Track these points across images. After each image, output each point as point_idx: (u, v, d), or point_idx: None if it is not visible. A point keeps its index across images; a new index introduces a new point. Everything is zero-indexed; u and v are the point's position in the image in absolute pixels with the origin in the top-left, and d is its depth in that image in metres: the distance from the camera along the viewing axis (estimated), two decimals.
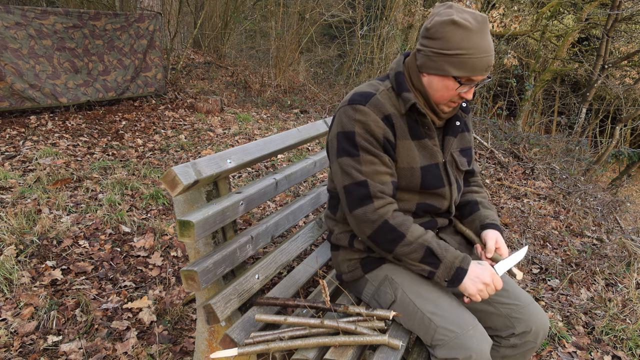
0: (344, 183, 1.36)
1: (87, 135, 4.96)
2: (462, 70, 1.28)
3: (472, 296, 1.30)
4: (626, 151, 6.98)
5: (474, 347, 1.24)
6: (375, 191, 1.32)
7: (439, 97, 1.37)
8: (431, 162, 1.42)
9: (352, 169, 1.34)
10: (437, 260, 1.31)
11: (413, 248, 1.31)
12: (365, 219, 1.33)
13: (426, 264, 1.32)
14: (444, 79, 1.32)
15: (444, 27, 1.26)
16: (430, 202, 1.46)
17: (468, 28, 1.25)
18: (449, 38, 1.26)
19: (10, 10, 4.97)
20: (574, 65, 10.14)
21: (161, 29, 6.65)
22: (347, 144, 1.34)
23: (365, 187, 1.32)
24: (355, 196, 1.34)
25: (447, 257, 1.30)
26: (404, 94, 1.37)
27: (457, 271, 1.29)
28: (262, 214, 3.44)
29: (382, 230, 1.32)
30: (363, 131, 1.33)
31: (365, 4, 9.48)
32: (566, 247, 3.53)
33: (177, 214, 1.43)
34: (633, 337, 2.42)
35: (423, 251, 1.31)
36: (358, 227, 1.36)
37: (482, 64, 1.28)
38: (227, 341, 1.32)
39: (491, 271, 1.32)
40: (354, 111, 1.34)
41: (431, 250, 1.31)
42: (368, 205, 1.32)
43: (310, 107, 7.44)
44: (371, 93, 1.38)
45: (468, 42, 1.25)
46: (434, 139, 1.44)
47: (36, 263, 2.49)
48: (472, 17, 1.27)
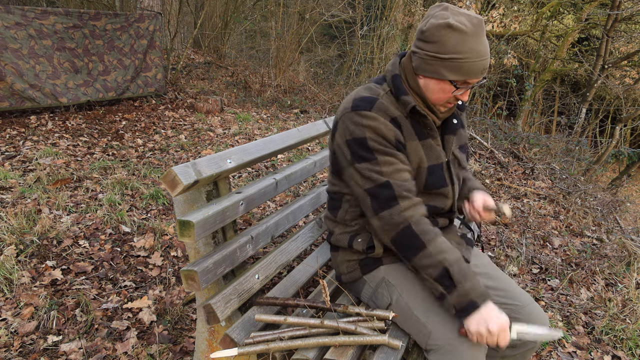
0: (365, 187, 1.33)
1: (87, 135, 4.96)
2: (458, 74, 1.27)
3: (470, 334, 1.23)
4: (626, 151, 6.98)
5: (468, 353, 1.24)
6: (400, 191, 1.30)
7: (435, 99, 1.37)
8: (436, 162, 1.42)
9: (372, 172, 1.31)
10: (452, 284, 1.24)
11: (431, 263, 1.26)
12: (390, 221, 1.30)
13: (440, 284, 1.26)
14: (440, 82, 1.31)
15: (440, 31, 1.25)
16: (434, 203, 1.46)
17: (464, 32, 1.23)
18: (444, 42, 1.24)
19: (10, 10, 4.97)
20: (574, 65, 10.14)
21: (161, 29, 6.65)
22: (361, 149, 1.32)
23: (389, 188, 1.30)
24: (380, 199, 1.30)
25: (465, 286, 1.23)
26: (402, 97, 1.37)
27: (469, 304, 1.22)
28: (262, 214, 3.44)
29: (403, 235, 1.29)
30: (374, 135, 1.31)
31: (365, 4, 9.47)
32: (566, 247, 3.53)
33: (177, 214, 1.43)
34: (633, 337, 2.42)
35: (440, 270, 1.25)
36: (382, 229, 1.32)
37: (478, 67, 1.27)
38: (227, 341, 1.32)
39: (504, 324, 1.20)
40: (361, 117, 1.32)
41: (448, 273, 1.24)
42: (394, 207, 1.29)
43: (310, 107, 7.44)
44: (374, 98, 1.36)
45: (464, 46, 1.24)
46: (437, 139, 1.44)
47: (36, 263, 2.50)
48: (468, 20, 1.25)
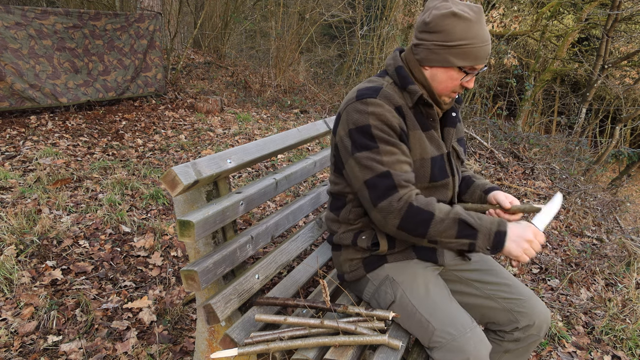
0: (365, 177, 1.30)
1: (87, 135, 4.96)
2: (466, 60, 1.31)
3: (519, 257, 1.24)
4: (626, 151, 6.98)
5: (471, 350, 1.24)
6: (400, 180, 1.28)
7: (442, 89, 1.38)
8: (439, 153, 1.43)
9: (372, 162, 1.29)
10: (473, 230, 1.24)
11: (447, 225, 1.25)
12: (391, 209, 1.27)
13: (464, 237, 1.25)
14: (448, 70, 1.34)
15: (445, 20, 1.28)
16: (436, 195, 1.46)
17: (468, 19, 1.28)
18: (450, 30, 1.28)
19: (10, 10, 4.97)
20: (574, 65, 10.14)
21: (161, 29, 6.65)
22: (363, 137, 1.31)
23: (389, 177, 1.28)
24: (379, 189, 1.28)
25: (484, 224, 1.25)
26: (409, 86, 1.37)
27: (497, 235, 1.24)
28: (262, 214, 3.44)
29: (409, 215, 1.26)
30: (379, 122, 1.30)
31: (365, 4, 9.48)
32: (566, 247, 3.53)
33: (177, 214, 1.43)
34: (633, 337, 2.42)
35: (457, 225, 1.25)
36: (385, 220, 1.29)
37: (484, 52, 1.32)
38: (227, 341, 1.32)
39: (531, 227, 1.27)
40: (366, 105, 1.32)
41: (465, 222, 1.25)
42: (393, 195, 1.27)
43: (310, 107, 7.44)
44: (378, 86, 1.37)
45: (469, 32, 1.28)
46: (438, 131, 1.45)
47: (36, 263, 2.50)
48: (469, 9, 1.30)
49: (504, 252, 1.25)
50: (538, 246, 1.25)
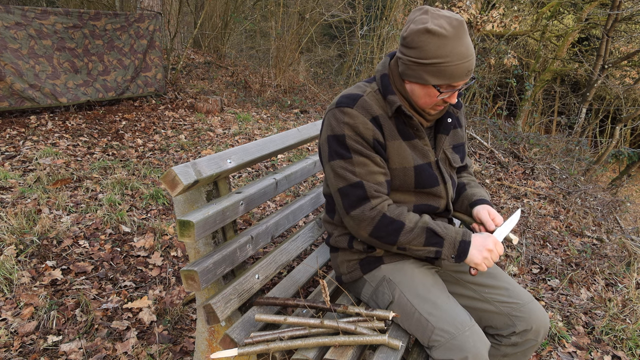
0: (339, 185, 1.36)
1: (87, 135, 4.96)
2: (441, 78, 1.27)
3: (478, 265, 1.32)
4: (626, 151, 6.98)
5: (470, 348, 1.24)
6: (372, 191, 1.33)
7: (422, 104, 1.37)
8: (424, 162, 1.42)
9: (346, 171, 1.34)
10: (439, 239, 1.32)
11: (415, 234, 1.32)
12: (363, 217, 1.33)
13: (430, 245, 1.33)
14: (424, 87, 1.32)
15: (419, 37, 1.24)
16: (427, 202, 1.46)
17: (443, 35, 1.22)
18: (424, 47, 1.24)
19: (10, 10, 4.97)
20: (574, 65, 10.14)
21: (161, 29, 6.65)
22: (339, 146, 1.35)
23: (361, 188, 1.33)
24: (351, 198, 1.34)
25: (449, 234, 1.33)
26: (389, 97, 1.37)
27: (462, 245, 1.32)
28: (262, 214, 3.44)
29: (381, 224, 1.33)
30: (353, 133, 1.33)
31: (365, 4, 9.48)
32: (566, 247, 3.53)
33: (177, 214, 1.43)
34: (633, 337, 2.42)
35: (425, 234, 1.32)
36: (357, 227, 1.36)
37: (461, 70, 1.26)
38: (227, 341, 1.32)
39: (492, 237, 1.35)
40: (342, 114, 1.34)
41: (432, 231, 1.32)
42: (365, 204, 1.33)
43: (310, 107, 7.44)
44: (358, 95, 1.38)
45: (444, 50, 1.23)
46: (424, 139, 1.43)
47: (36, 263, 2.50)
48: (448, 23, 1.23)
49: (467, 260, 1.33)
50: (496, 256, 1.34)
